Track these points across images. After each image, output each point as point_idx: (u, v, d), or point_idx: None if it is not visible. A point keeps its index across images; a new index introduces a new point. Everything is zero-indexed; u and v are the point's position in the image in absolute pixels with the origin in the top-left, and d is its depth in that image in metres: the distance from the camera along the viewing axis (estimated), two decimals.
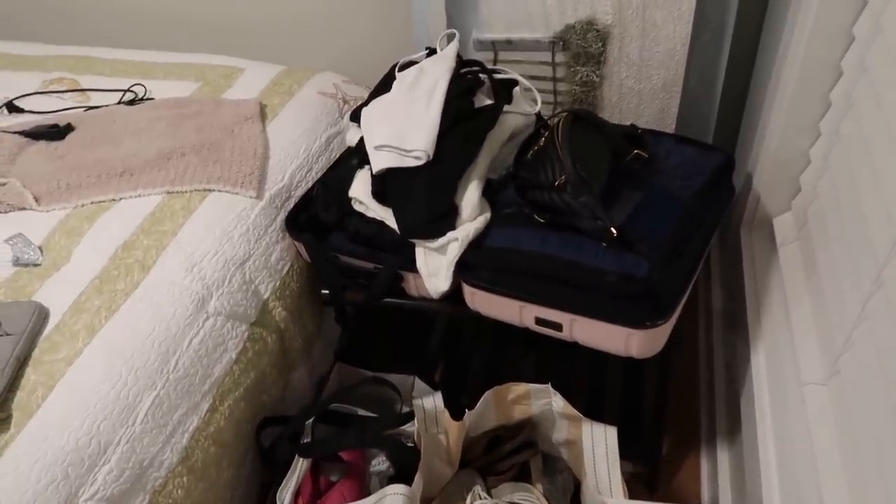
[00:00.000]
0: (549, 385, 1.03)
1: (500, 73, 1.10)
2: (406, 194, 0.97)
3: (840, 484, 0.77)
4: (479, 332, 1.41)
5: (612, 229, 0.87)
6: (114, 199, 1.09)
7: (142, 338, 0.90)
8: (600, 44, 1.24)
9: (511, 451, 1.11)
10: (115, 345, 0.88)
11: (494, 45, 1.32)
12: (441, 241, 0.96)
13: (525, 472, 1.16)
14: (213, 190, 1.10)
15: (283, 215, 1.14)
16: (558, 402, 1.03)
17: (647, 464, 1.20)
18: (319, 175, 1.21)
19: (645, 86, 1.28)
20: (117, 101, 1.35)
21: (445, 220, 0.96)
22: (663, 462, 1.25)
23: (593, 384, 1.33)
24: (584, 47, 1.25)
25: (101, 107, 1.33)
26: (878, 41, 0.82)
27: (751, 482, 0.91)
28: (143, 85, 1.37)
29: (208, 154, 1.16)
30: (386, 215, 1.01)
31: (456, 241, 0.94)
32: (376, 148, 0.99)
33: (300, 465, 1.01)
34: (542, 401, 1.06)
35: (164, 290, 0.96)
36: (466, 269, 0.97)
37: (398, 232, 0.99)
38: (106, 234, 1.03)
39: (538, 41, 1.28)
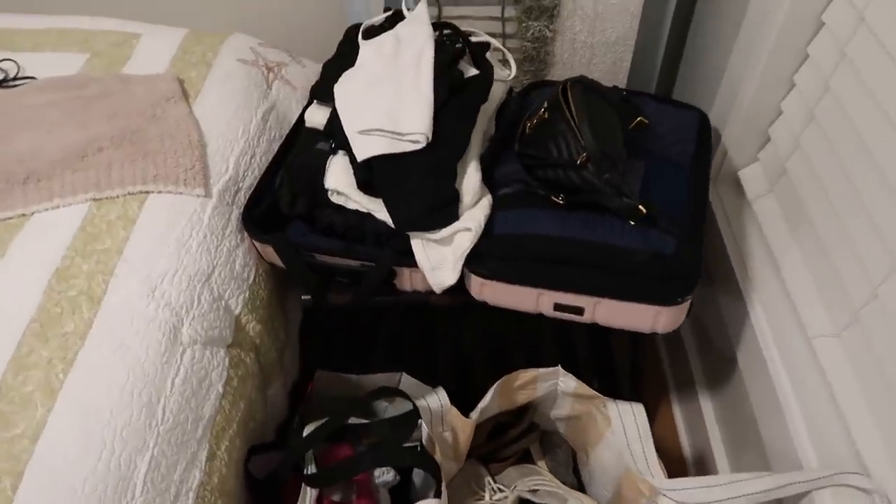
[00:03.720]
0: (559, 367, 0.99)
1: (474, 35, 0.99)
2: (400, 183, 0.86)
3: (869, 427, 0.81)
4: (440, 317, 1.35)
5: (641, 207, 0.82)
6: (24, 214, 0.88)
7: (117, 390, 0.74)
8: None
9: (516, 437, 1.07)
10: (85, 404, 0.72)
11: (438, 1, 1.20)
12: (445, 231, 0.87)
13: (525, 453, 1.13)
14: (151, 191, 0.92)
15: (236, 213, 0.98)
16: (569, 383, 1.00)
17: None
18: (266, 161, 1.06)
19: (598, 39, 1.23)
20: None
21: (449, 208, 0.87)
22: None
23: (563, 351, 1.32)
24: (536, 1, 1.17)
25: None
26: None
27: (772, 434, 0.94)
28: (13, 60, 1.11)
29: (132, 147, 0.96)
30: (374, 207, 0.90)
31: (468, 232, 0.85)
32: (362, 133, 0.86)
33: (308, 495, 0.90)
34: (548, 383, 1.02)
35: (126, 324, 0.79)
36: (474, 258, 0.89)
37: (393, 226, 0.88)
38: (28, 260, 0.83)
39: None
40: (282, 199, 0.96)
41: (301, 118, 1.08)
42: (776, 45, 0.99)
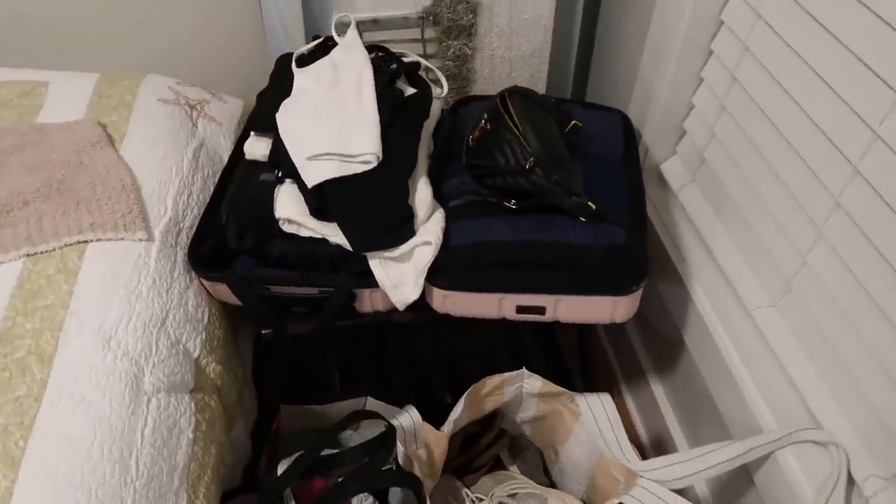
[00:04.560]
0: (524, 369, 1.01)
1: (404, 56, 1.01)
2: (354, 204, 0.87)
3: (816, 385, 0.88)
4: (391, 335, 1.34)
5: (590, 204, 0.86)
6: None
7: (84, 449, 0.69)
8: (471, 15, 1.21)
9: (489, 444, 1.08)
10: (53, 469, 0.67)
11: (359, 27, 1.21)
12: (404, 247, 0.88)
13: (496, 460, 1.14)
14: (90, 240, 0.88)
15: (181, 254, 0.95)
16: (535, 384, 1.02)
17: None
18: (203, 199, 1.03)
19: (515, 54, 1.28)
20: None
21: (406, 224, 0.87)
22: None
23: (514, 355, 1.35)
24: (454, 20, 1.21)
25: None
26: None
27: (728, 406, 0.99)
28: None
29: (62, 197, 0.91)
30: (329, 232, 0.89)
31: (428, 245, 0.86)
32: (310, 159, 0.86)
33: None
34: (514, 386, 1.04)
35: (84, 380, 0.74)
36: (435, 271, 0.90)
37: (350, 248, 0.88)
38: None
39: (406, 18, 1.21)
40: (229, 235, 0.94)
41: (236, 152, 1.06)
42: (683, 47, 1.07)
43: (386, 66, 0.95)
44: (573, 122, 0.96)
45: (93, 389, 0.74)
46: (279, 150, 0.90)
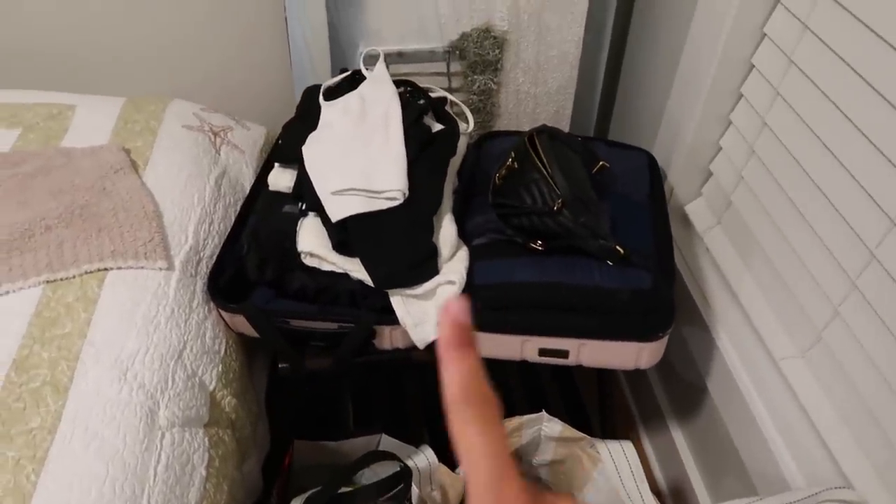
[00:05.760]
0: (544, 412, 0.99)
1: (431, 91, 1.01)
2: (378, 240, 0.86)
3: (846, 440, 0.85)
4: (406, 371, 1.33)
5: (619, 248, 0.84)
6: None
7: (97, 486, 0.68)
8: (497, 50, 1.21)
9: None
10: None
11: (385, 59, 1.21)
12: (427, 285, 0.86)
13: None
14: (110, 268, 0.87)
15: (200, 284, 0.94)
16: (554, 427, 1.00)
17: None
18: (224, 227, 1.02)
19: (541, 90, 1.27)
20: None
21: (430, 262, 0.86)
22: None
23: (531, 394, 1.32)
24: (481, 55, 1.21)
25: None
26: (802, 39, 0.89)
27: (753, 457, 0.96)
28: None
29: (84, 223, 0.91)
30: (351, 267, 0.88)
31: (452, 285, 0.85)
32: (335, 193, 0.85)
33: None
34: (533, 429, 1.02)
35: (98, 413, 0.73)
36: None
37: (372, 284, 0.86)
38: None
39: (433, 51, 1.21)
40: (249, 266, 0.93)
41: (258, 181, 1.06)
42: (712, 88, 1.05)
43: (414, 101, 0.95)
44: (601, 162, 0.94)
45: (107, 424, 0.72)
46: (304, 183, 0.89)
